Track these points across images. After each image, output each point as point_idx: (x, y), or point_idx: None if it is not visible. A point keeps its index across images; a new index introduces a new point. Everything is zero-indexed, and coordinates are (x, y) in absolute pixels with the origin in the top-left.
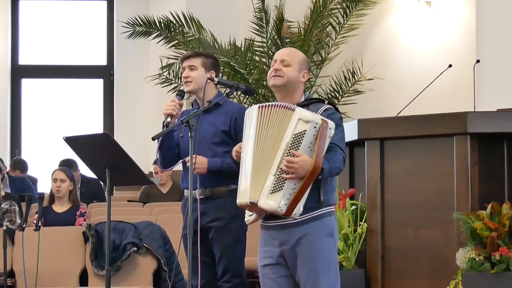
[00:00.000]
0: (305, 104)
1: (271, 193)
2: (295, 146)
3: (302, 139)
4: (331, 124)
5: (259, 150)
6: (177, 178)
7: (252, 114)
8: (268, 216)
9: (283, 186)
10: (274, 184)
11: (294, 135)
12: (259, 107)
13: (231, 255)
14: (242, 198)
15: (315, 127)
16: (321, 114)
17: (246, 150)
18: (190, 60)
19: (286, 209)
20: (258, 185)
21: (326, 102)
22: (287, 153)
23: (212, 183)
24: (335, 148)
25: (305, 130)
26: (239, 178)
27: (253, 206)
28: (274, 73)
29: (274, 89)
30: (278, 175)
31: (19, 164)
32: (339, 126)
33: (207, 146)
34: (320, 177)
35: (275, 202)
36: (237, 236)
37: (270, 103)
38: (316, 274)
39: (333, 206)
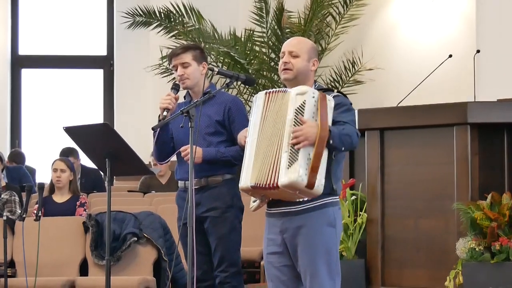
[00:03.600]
0: None
1: (288, 168)
2: (299, 118)
3: (303, 110)
4: (329, 97)
5: (262, 135)
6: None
7: (258, 100)
8: (271, 203)
9: (298, 157)
10: (289, 158)
11: (295, 109)
12: (265, 93)
13: (227, 244)
14: (244, 182)
15: (313, 97)
16: (330, 100)
17: (251, 136)
18: (180, 57)
19: (307, 179)
20: (261, 169)
21: (336, 90)
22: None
23: (206, 173)
24: (346, 123)
25: (305, 101)
26: (243, 163)
27: (254, 190)
28: (284, 66)
29: (285, 82)
30: (290, 149)
31: (17, 156)
32: (350, 110)
33: (202, 137)
34: (331, 142)
35: (294, 174)
36: (233, 225)
37: (275, 89)
38: (315, 264)
39: (337, 197)
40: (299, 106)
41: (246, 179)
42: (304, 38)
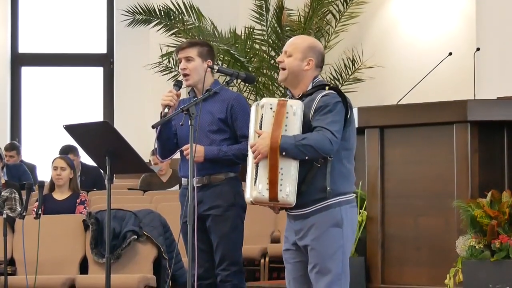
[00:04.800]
0: (310, 93)
1: (254, 184)
2: (257, 132)
3: (262, 123)
4: (292, 102)
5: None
6: (177, 167)
7: (252, 113)
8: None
9: (257, 173)
10: (254, 175)
11: (259, 123)
12: (255, 105)
13: (228, 243)
14: (247, 196)
15: (271, 108)
16: (318, 101)
17: (249, 150)
18: (186, 51)
19: (268, 194)
20: (251, 184)
21: (327, 88)
22: None
23: (209, 171)
24: (320, 129)
25: (262, 114)
26: (247, 175)
27: (254, 204)
28: (279, 65)
29: (283, 84)
30: (254, 165)
31: (12, 147)
32: (331, 111)
33: (205, 134)
34: (284, 153)
35: (255, 191)
36: (234, 224)
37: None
38: (321, 264)
39: (345, 196)
40: (260, 119)
41: (248, 193)
42: (304, 36)
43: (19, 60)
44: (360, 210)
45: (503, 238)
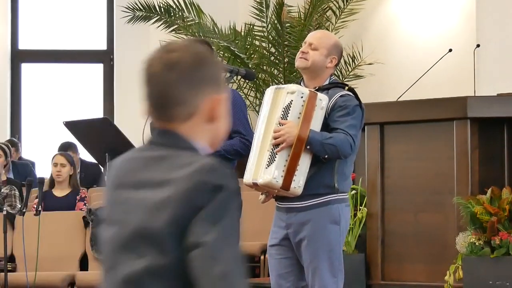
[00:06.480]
0: (326, 88)
1: (266, 168)
2: (284, 117)
3: (289, 110)
4: (322, 96)
5: (266, 131)
6: None
7: (268, 95)
8: (279, 197)
9: (275, 158)
10: (269, 158)
11: (283, 108)
12: (275, 88)
13: None
14: (246, 178)
15: (301, 97)
16: (336, 99)
17: (258, 131)
18: None
19: (282, 181)
20: (259, 165)
21: (346, 88)
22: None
23: None
24: (341, 131)
25: (291, 100)
26: (249, 158)
27: (255, 186)
28: (300, 55)
29: (300, 70)
30: (271, 149)
31: (12, 145)
32: (350, 114)
33: None
34: (309, 147)
35: (269, 174)
36: None
37: (282, 86)
38: (317, 260)
39: (343, 194)
40: (287, 105)
41: (249, 174)
42: (329, 33)
43: (19, 57)
44: (360, 207)
45: (503, 234)
